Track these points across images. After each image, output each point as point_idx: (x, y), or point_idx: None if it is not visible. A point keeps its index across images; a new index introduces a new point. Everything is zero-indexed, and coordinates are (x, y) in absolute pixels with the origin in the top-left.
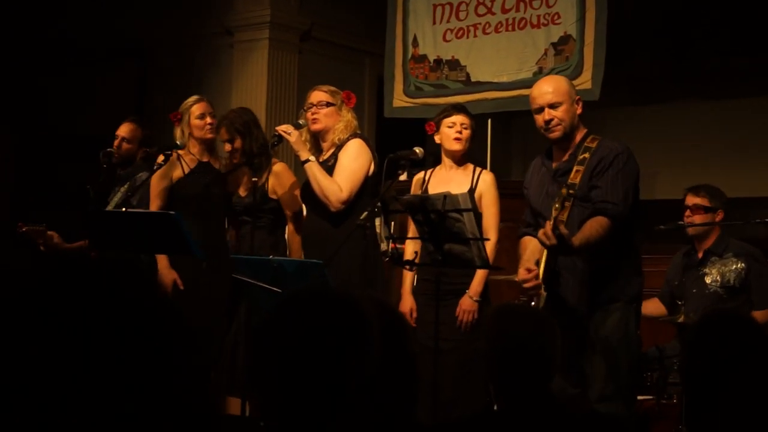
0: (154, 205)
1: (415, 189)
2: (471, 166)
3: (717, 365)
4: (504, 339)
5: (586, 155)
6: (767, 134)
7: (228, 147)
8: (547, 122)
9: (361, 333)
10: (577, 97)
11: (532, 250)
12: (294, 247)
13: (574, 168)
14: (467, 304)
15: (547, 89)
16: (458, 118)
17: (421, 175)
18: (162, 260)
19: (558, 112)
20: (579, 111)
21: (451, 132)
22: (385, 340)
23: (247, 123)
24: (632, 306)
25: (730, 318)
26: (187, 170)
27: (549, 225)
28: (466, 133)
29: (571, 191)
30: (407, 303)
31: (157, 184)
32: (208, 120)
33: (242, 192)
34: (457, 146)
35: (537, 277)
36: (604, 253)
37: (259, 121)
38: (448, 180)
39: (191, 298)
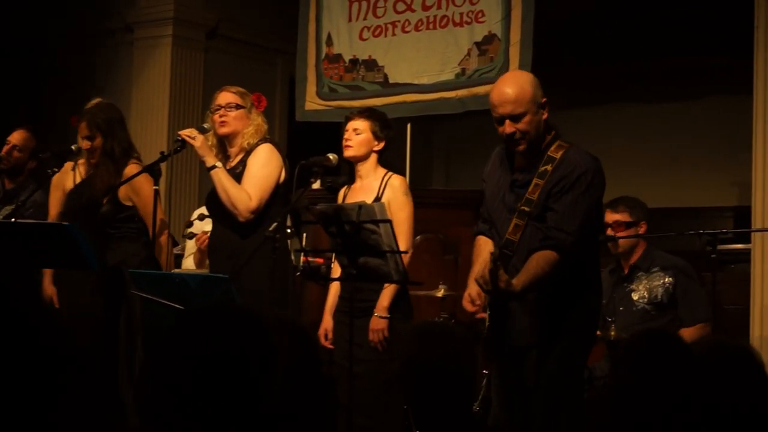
0: (51, 217)
1: None
2: (382, 172)
3: (645, 387)
4: (420, 360)
5: (548, 167)
6: (698, 141)
7: (86, 144)
8: (510, 136)
9: (265, 354)
10: (543, 100)
11: (486, 258)
12: (159, 256)
13: (534, 181)
14: (374, 322)
15: (509, 97)
16: (351, 124)
17: (342, 192)
18: (46, 275)
19: (521, 125)
20: (545, 116)
21: (343, 139)
22: (294, 363)
23: (110, 121)
24: (581, 336)
25: (658, 338)
26: (78, 180)
27: (485, 268)
28: (358, 138)
29: (526, 208)
30: (323, 324)
31: (52, 194)
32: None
33: (102, 200)
34: (346, 152)
35: (484, 308)
36: (558, 279)
37: (158, 127)
38: (359, 190)
39: (73, 316)
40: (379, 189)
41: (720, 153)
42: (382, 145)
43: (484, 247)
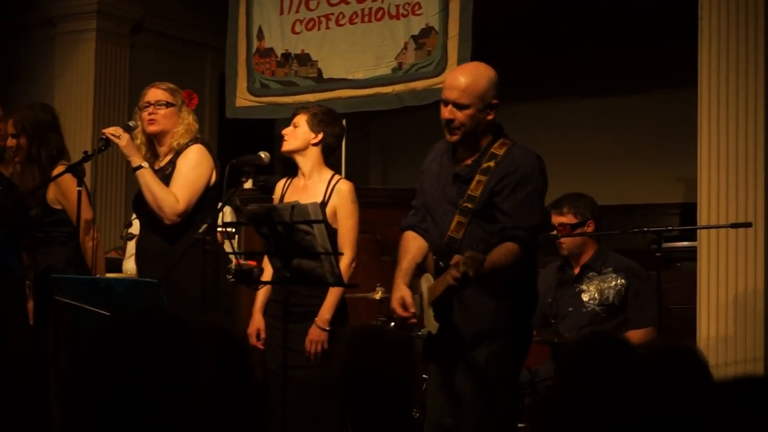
0: None
1: (276, 200)
2: (328, 174)
3: (590, 391)
4: (356, 366)
5: (491, 164)
6: (642, 136)
7: (12, 142)
8: (448, 121)
9: (192, 362)
10: (494, 101)
11: (414, 255)
12: (89, 260)
13: (476, 177)
14: (314, 333)
15: (460, 83)
16: (293, 122)
17: (280, 185)
18: None
19: (461, 114)
20: (490, 117)
21: None
22: (223, 370)
23: (39, 124)
24: (516, 334)
25: (604, 342)
26: None
27: (457, 266)
28: (294, 131)
29: (468, 205)
30: (254, 323)
31: None
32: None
33: (31, 203)
34: (282, 147)
35: (415, 314)
36: (492, 284)
37: (82, 126)
38: (302, 189)
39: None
40: (326, 194)
41: (665, 148)
42: (318, 137)
43: (413, 243)
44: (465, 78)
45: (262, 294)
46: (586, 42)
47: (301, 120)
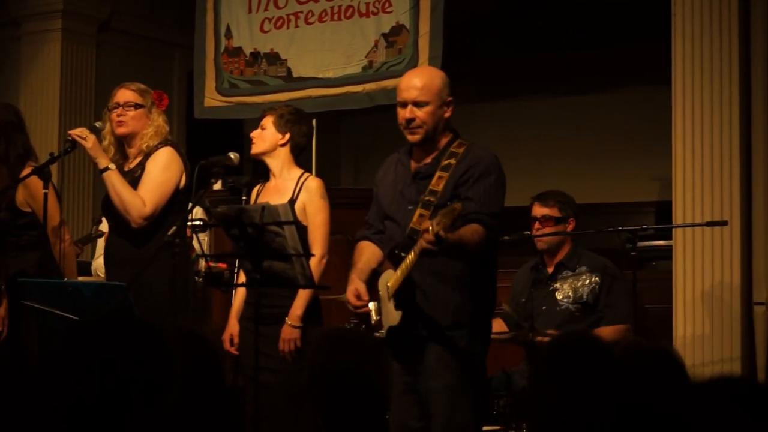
0: None
1: None
2: (297, 173)
3: (564, 391)
4: (328, 369)
5: (452, 161)
6: (617, 134)
7: None
8: (408, 121)
9: (161, 365)
10: (449, 99)
11: (368, 258)
12: (61, 264)
13: (437, 174)
14: (286, 332)
15: (416, 83)
16: (261, 122)
17: (256, 189)
18: None
19: (421, 113)
20: (448, 115)
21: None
22: (193, 374)
23: (4, 124)
24: (479, 331)
25: (578, 341)
26: None
27: (431, 227)
28: (262, 134)
29: (430, 198)
30: (229, 328)
31: None
32: None
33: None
34: (251, 150)
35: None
36: (461, 272)
37: (48, 127)
38: (272, 191)
39: None
40: (294, 190)
41: (639, 146)
42: (286, 137)
43: (366, 249)
44: (420, 78)
45: (238, 299)
46: (559, 39)
47: (268, 122)
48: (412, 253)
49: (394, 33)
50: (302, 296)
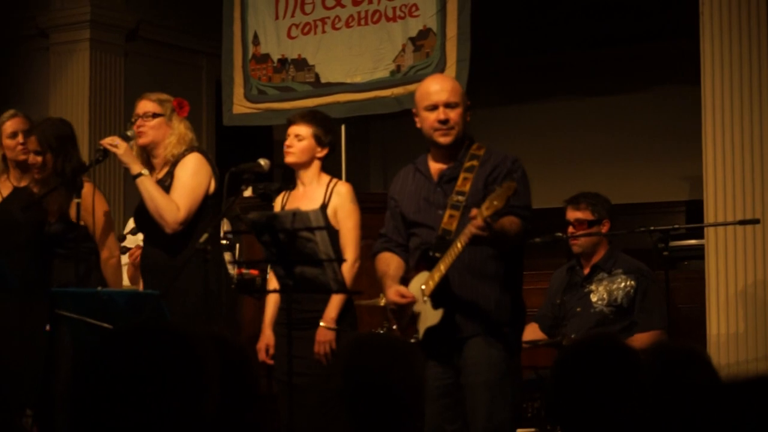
0: None
1: None
2: (326, 179)
3: (586, 396)
4: (360, 374)
5: (474, 162)
6: (647, 134)
7: (35, 159)
8: (443, 122)
9: (195, 374)
10: (468, 103)
11: (396, 267)
12: (109, 279)
13: (461, 175)
14: (321, 333)
15: (445, 86)
16: (293, 129)
17: (279, 198)
18: None
19: (453, 113)
20: (468, 119)
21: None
22: (227, 382)
23: (62, 138)
24: (515, 335)
25: (603, 344)
26: (5, 194)
27: (479, 213)
28: (300, 145)
29: (459, 198)
30: (264, 338)
31: None
32: (20, 139)
33: (52, 218)
34: (287, 159)
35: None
36: (496, 274)
37: (78, 137)
38: (302, 197)
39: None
40: (325, 196)
41: (669, 146)
42: (325, 151)
43: (392, 260)
44: (447, 81)
45: (270, 308)
46: (587, 39)
47: (307, 132)
48: (458, 243)
49: (421, 37)
50: (336, 300)
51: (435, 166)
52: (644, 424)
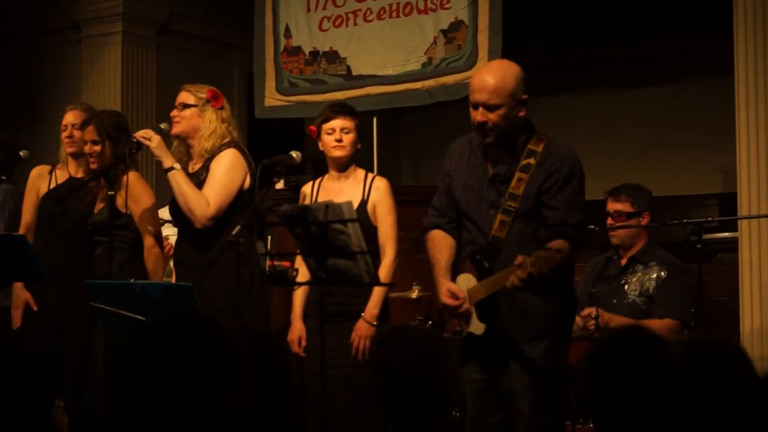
0: (24, 224)
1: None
2: (362, 173)
3: (618, 389)
4: (393, 367)
5: (531, 161)
6: (679, 127)
7: (92, 149)
8: (481, 124)
9: (228, 366)
10: (524, 97)
11: (449, 255)
12: (151, 267)
13: (516, 175)
14: (363, 328)
15: (488, 84)
16: (337, 123)
17: (307, 187)
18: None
19: (494, 116)
20: (522, 114)
21: (331, 139)
22: (261, 373)
23: (119, 128)
24: (561, 330)
25: (635, 337)
26: (53, 185)
27: (523, 267)
28: (349, 137)
29: (511, 203)
30: (295, 330)
31: (26, 199)
32: (67, 132)
33: (97, 208)
34: (338, 153)
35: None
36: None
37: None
38: (338, 191)
39: (39, 329)
40: (364, 192)
41: (702, 138)
42: (359, 145)
43: (445, 242)
44: (492, 78)
45: (299, 299)
46: (620, 32)
47: (352, 125)
48: (501, 278)
49: (453, 29)
50: (377, 295)
51: (491, 159)
52: (677, 418)
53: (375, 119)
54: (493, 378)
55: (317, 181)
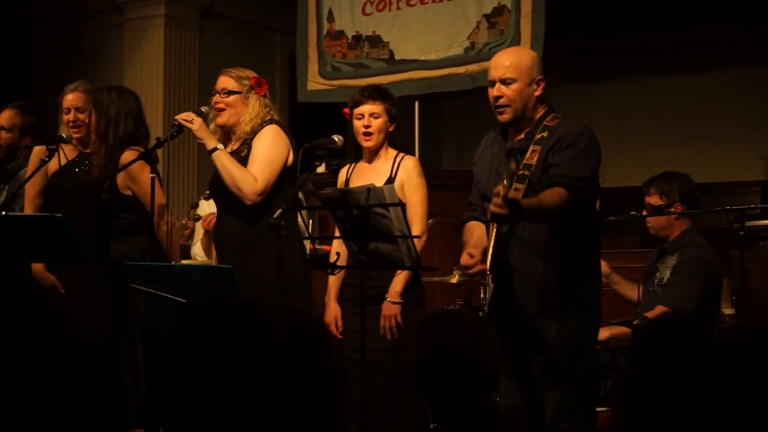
0: (32, 204)
1: (340, 185)
2: (393, 153)
3: (661, 374)
4: (433, 350)
5: (545, 134)
6: (722, 114)
7: (75, 116)
8: (496, 99)
9: (270, 348)
10: (539, 77)
11: (480, 236)
12: (164, 244)
13: (531, 147)
14: (386, 308)
15: (504, 61)
16: (366, 108)
17: (344, 170)
18: (37, 264)
19: (509, 90)
20: (538, 92)
21: (360, 125)
22: (302, 355)
23: (120, 109)
24: (590, 312)
25: (676, 324)
26: (64, 161)
27: (501, 190)
28: (377, 123)
29: (525, 172)
30: (331, 312)
31: (31, 180)
32: (71, 116)
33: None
34: (366, 144)
35: (482, 261)
36: (561, 249)
37: (153, 113)
38: (368, 171)
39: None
40: (392, 170)
41: (744, 125)
42: (393, 126)
43: (476, 228)
44: (508, 56)
45: (334, 281)
46: (662, 20)
47: (381, 109)
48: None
49: (496, 13)
50: (402, 274)
51: (510, 137)
52: (719, 405)
53: (417, 104)
54: (521, 359)
55: (353, 165)
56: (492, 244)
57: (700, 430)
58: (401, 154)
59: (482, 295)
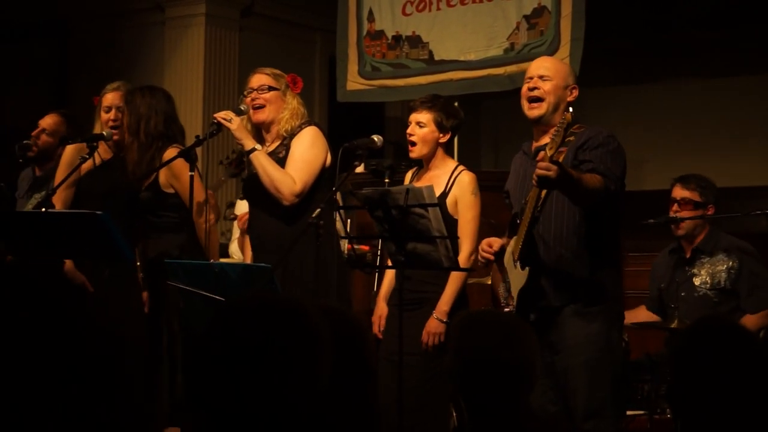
0: (59, 198)
1: None
2: (452, 165)
3: (706, 380)
4: (471, 351)
5: (571, 138)
6: (757, 116)
7: (116, 115)
8: (530, 90)
9: (309, 346)
10: (573, 86)
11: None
12: (203, 241)
13: (558, 149)
14: (432, 325)
15: (544, 62)
16: (414, 116)
17: (409, 174)
18: (68, 262)
19: (546, 84)
20: (570, 98)
21: (408, 132)
22: (341, 355)
23: (152, 107)
24: (614, 309)
25: (721, 327)
26: (98, 162)
27: (546, 153)
28: (421, 132)
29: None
30: (378, 310)
31: (62, 174)
32: (112, 115)
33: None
34: (411, 153)
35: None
36: (584, 246)
37: (193, 111)
38: (425, 180)
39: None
40: (447, 184)
41: None
42: (447, 136)
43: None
44: (548, 60)
45: (387, 282)
46: (701, 19)
47: (428, 118)
48: (530, 194)
49: (535, 14)
50: (451, 289)
51: (536, 136)
52: (764, 410)
53: (456, 104)
54: (550, 361)
55: (418, 170)
56: (522, 232)
57: None
58: (460, 167)
59: (500, 291)
